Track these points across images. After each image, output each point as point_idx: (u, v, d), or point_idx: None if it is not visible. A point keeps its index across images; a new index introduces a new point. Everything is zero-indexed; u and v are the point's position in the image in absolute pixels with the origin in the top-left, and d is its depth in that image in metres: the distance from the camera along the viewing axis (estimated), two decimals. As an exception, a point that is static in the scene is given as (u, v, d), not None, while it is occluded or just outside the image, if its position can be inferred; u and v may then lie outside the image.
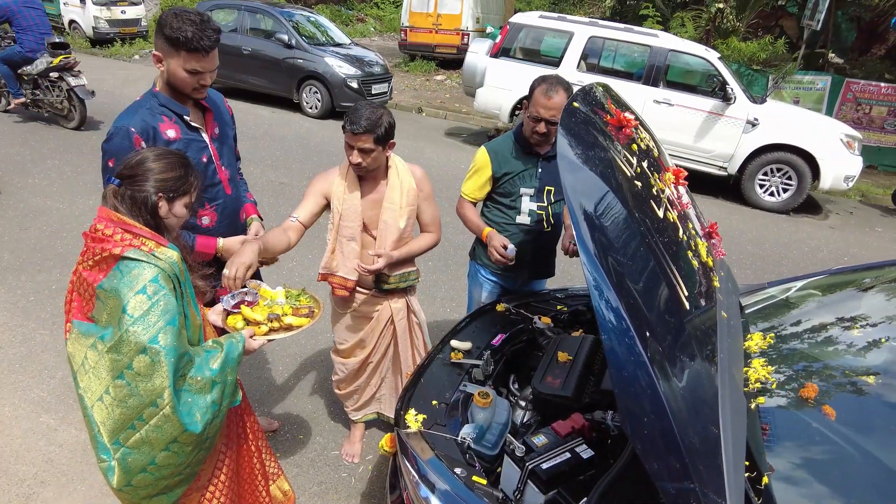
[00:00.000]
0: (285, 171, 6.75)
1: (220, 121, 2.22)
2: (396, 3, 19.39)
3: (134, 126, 1.92)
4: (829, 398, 1.61)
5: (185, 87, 1.97)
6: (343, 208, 2.31)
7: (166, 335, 1.43)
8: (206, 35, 1.86)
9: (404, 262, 2.46)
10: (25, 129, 7.56)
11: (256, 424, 2.06)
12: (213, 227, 2.19)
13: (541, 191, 2.53)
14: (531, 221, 2.56)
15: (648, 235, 1.40)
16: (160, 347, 1.42)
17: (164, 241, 1.54)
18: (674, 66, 7.78)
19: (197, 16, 1.88)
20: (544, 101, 2.32)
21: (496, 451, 1.77)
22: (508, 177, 2.53)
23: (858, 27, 14.03)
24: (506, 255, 2.40)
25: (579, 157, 1.39)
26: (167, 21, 1.86)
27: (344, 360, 2.63)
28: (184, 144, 2.02)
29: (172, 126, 2.01)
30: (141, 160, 1.59)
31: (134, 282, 1.44)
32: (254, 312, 1.84)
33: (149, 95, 2.04)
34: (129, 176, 1.57)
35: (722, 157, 7.32)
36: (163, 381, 1.43)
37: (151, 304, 1.43)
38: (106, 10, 14.51)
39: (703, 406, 1.37)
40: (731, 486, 1.22)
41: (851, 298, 2.29)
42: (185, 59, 1.89)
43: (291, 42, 9.41)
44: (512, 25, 8.19)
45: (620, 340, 1.23)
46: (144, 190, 1.55)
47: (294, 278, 4.44)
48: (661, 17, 12.69)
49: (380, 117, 2.16)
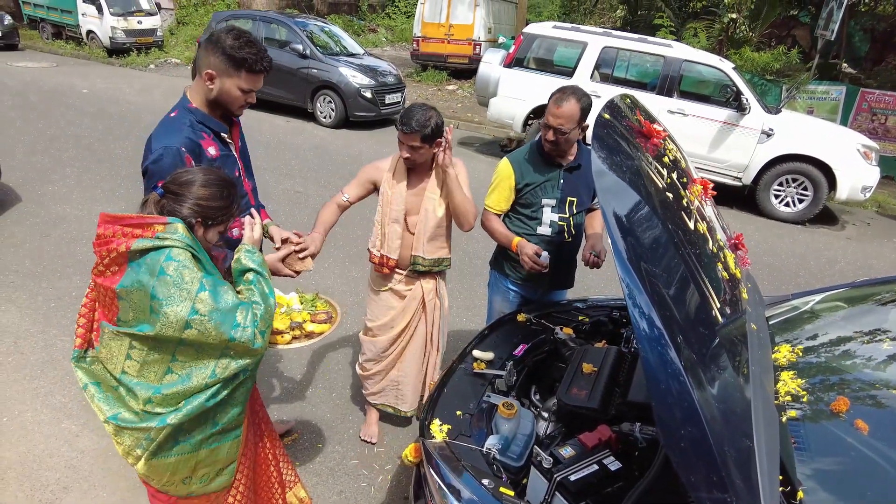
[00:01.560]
0: (301, 180, 6.80)
1: (241, 134, 2.28)
2: (408, 14, 19.56)
3: (183, 146, 1.89)
4: (861, 412, 1.59)
5: (234, 105, 2.00)
6: (391, 194, 2.54)
7: (202, 302, 1.45)
8: (265, 57, 1.94)
9: (439, 247, 2.62)
10: (47, 136, 7.68)
11: (273, 432, 2.07)
12: (242, 238, 2.21)
13: (562, 202, 2.55)
14: (552, 232, 2.57)
15: (681, 246, 1.40)
16: (200, 316, 1.44)
17: (162, 219, 1.51)
18: (688, 76, 7.77)
19: (252, 37, 1.93)
20: (553, 109, 2.38)
21: (521, 463, 1.77)
22: (530, 188, 2.55)
23: (872, 37, 13.97)
24: (540, 263, 2.39)
25: (612, 167, 1.40)
26: (226, 42, 1.86)
27: (373, 339, 2.75)
28: (221, 161, 2.02)
29: (212, 143, 2.01)
30: (190, 181, 1.59)
31: (152, 268, 1.45)
32: (275, 321, 1.84)
33: (184, 112, 1.98)
34: (175, 193, 1.58)
35: (737, 168, 7.28)
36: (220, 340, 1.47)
37: (174, 280, 1.44)
38: (123, 20, 14.76)
39: (736, 418, 1.36)
40: (766, 501, 1.21)
41: (877, 311, 2.27)
42: (245, 79, 1.92)
43: (306, 52, 9.51)
44: (525, 36, 8.23)
45: (654, 348, 1.23)
46: (184, 211, 1.56)
47: (310, 286, 4.46)
48: (674, 28, 12.71)
49: (428, 119, 2.35)
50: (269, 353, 3.59)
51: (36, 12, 16.64)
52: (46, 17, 16.39)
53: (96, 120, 8.66)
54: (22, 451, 2.72)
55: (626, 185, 1.40)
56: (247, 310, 1.52)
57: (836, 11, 9.50)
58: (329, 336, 2.32)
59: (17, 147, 7.15)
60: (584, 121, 2.42)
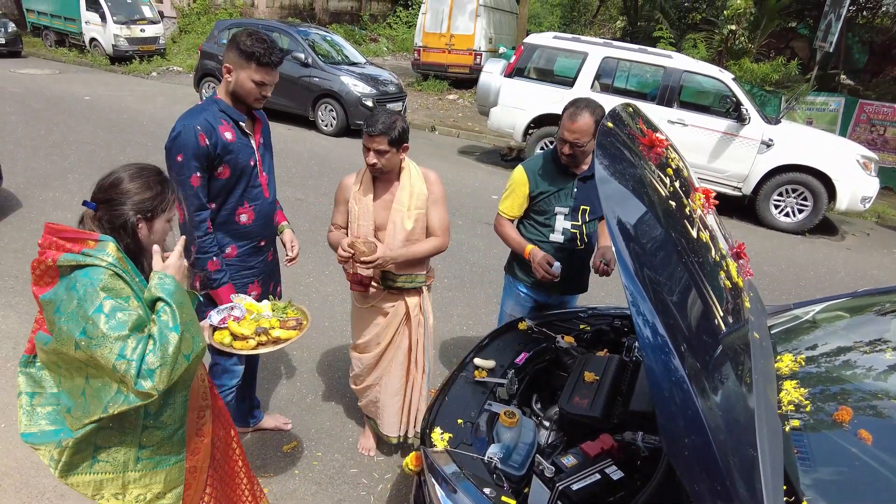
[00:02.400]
0: (301, 188, 6.82)
1: (266, 132, 2.46)
2: (409, 24, 19.69)
3: (199, 125, 2.12)
4: (865, 422, 1.59)
5: (249, 97, 2.21)
6: (357, 209, 2.48)
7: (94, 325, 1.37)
8: (274, 52, 2.16)
9: (412, 265, 2.51)
10: (49, 143, 7.70)
11: (241, 446, 2.02)
12: (249, 224, 2.36)
13: (575, 210, 2.57)
14: (564, 239, 2.60)
15: (685, 254, 1.40)
16: (88, 338, 1.37)
17: (94, 236, 1.47)
18: (687, 87, 7.81)
19: (267, 36, 2.17)
20: (568, 125, 2.40)
21: (523, 472, 1.76)
22: (544, 196, 2.57)
23: (870, 49, 14.06)
24: (551, 272, 2.44)
25: (616, 175, 1.40)
26: (241, 39, 2.13)
27: (360, 355, 2.72)
28: (237, 147, 2.23)
29: (230, 129, 2.22)
30: (115, 181, 1.53)
31: (68, 284, 1.42)
32: (241, 327, 1.84)
33: (210, 101, 2.25)
34: (105, 200, 1.52)
35: (737, 178, 7.30)
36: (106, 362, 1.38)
37: (79, 297, 1.38)
38: (126, 28, 14.85)
39: (739, 427, 1.35)
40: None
41: (879, 321, 2.27)
42: (255, 71, 2.15)
43: (307, 60, 9.56)
44: (526, 46, 8.28)
45: (657, 356, 1.23)
46: (122, 213, 1.51)
47: (312, 294, 4.46)
48: (673, 39, 12.79)
49: (394, 121, 2.33)
50: (262, 355, 3.58)
51: (40, 20, 16.74)
52: (50, 25, 16.49)
53: (98, 127, 8.69)
54: (19, 457, 2.70)
55: (630, 193, 1.40)
56: (138, 342, 1.38)
57: (834, 23, 9.57)
58: (328, 345, 2.30)
59: (19, 153, 7.17)
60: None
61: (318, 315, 4.15)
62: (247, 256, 2.39)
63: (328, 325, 4.06)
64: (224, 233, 2.31)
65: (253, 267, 2.43)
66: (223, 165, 2.20)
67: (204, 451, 1.70)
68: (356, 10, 22.08)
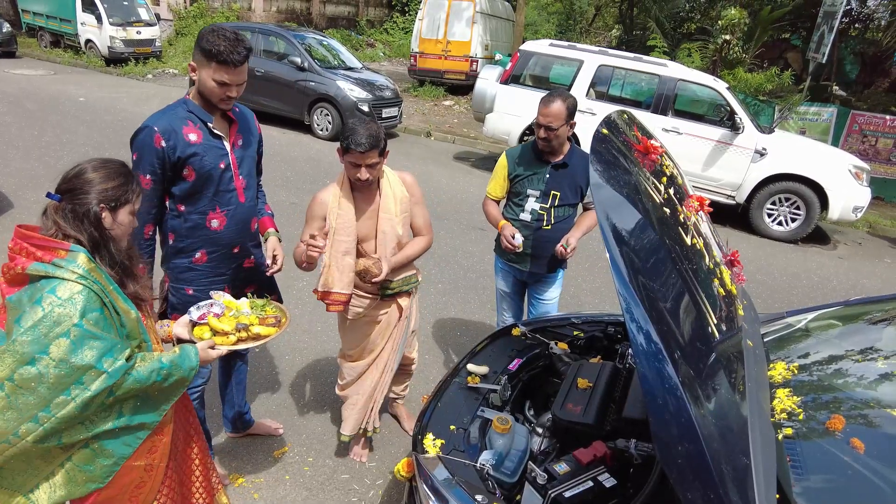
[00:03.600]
0: (295, 192, 6.80)
1: (246, 134, 2.33)
2: (406, 30, 19.74)
3: (157, 126, 2.06)
4: (857, 431, 1.59)
5: (213, 97, 2.11)
6: (337, 224, 2.37)
7: (59, 347, 1.37)
8: (236, 51, 2.01)
9: (405, 267, 2.57)
10: (42, 144, 7.65)
11: (203, 440, 2.01)
12: (221, 230, 2.28)
13: (545, 194, 2.83)
14: (531, 219, 2.87)
15: (678, 261, 1.40)
16: (50, 359, 1.36)
17: (65, 245, 1.47)
18: (682, 96, 7.86)
19: (232, 33, 2.03)
20: (542, 110, 2.68)
21: (515, 479, 1.75)
22: (520, 178, 2.88)
23: (862, 61, 14.20)
24: (513, 243, 2.76)
25: (610, 181, 1.40)
26: (204, 35, 2.03)
27: (353, 364, 2.69)
28: (203, 149, 2.15)
29: (195, 131, 2.14)
30: (79, 172, 1.54)
31: (32, 294, 1.41)
32: (221, 323, 1.84)
33: (180, 102, 2.19)
34: (69, 189, 1.52)
35: (730, 186, 7.34)
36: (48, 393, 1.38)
37: (44, 314, 1.38)
38: (122, 30, 14.79)
39: (732, 435, 1.35)
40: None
41: (870, 330, 2.27)
42: (216, 70, 2.03)
43: (304, 65, 9.55)
44: (522, 53, 8.31)
45: (651, 363, 1.23)
46: (86, 202, 1.51)
47: (304, 298, 4.44)
48: (668, 48, 12.88)
49: (378, 131, 2.25)
50: (254, 360, 3.56)
51: (35, 21, 16.66)
52: (45, 26, 16.41)
53: (92, 128, 8.65)
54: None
55: (624, 199, 1.40)
56: (98, 375, 1.41)
57: (827, 35, 9.67)
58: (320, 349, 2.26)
59: (11, 154, 7.12)
60: (571, 118, 2.70)
61: (310, 320, 4.13)
62: (218, 263, 2.29)
63: (320, 329, 4.04)
64: (194, 238, 2.22)
65: (223, 274, 2.32)
66: (187, 167, 2.11)
67: (162, 450, 1.67)
68: (353, 16, 22.13)
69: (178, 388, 1.64)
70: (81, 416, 1.44)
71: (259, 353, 3.67)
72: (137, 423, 1.56)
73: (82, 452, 1.51)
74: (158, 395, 1.60)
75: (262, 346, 3.68)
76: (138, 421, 1.56)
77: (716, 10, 13.14)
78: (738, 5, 11.82)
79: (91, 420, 1.48)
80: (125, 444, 1.56)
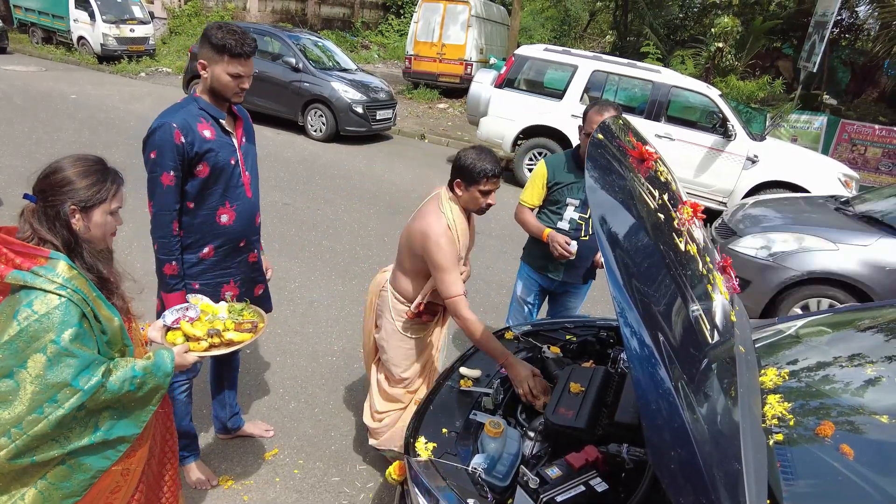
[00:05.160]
0: (289, 193, 6.78)
1: (248, 131, 2.41)
2: (401, 32, 19.75)
3: (175, 122, 2.08)
4: (847, 437, 1.60)
5: (227, 91, 2.16)
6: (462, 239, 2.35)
7: (35, 364, 1.34)
8: (246, 42, 2.10)
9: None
10: (32, 140, 7.58)
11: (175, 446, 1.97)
12: (230, 224, 2.32)
13: (586, 203, 2.77)
14: (570, 228, 2.83)
15: (672, 266, 1.41)
16: (26, 373, 1.33)
17: (45, 252, 1.41)
18: (675, 102, 7.91)
19: (238, 28, 2.13)
20: (595, 118, 2.61)
21: (507, 483, 1.74)
22: (559, 187, 2.84)
23: (852, 71, 14.38)
24: (569, 250, 2.72)
25: (605, 186, 1.40)
26: (212, 32, 2.08)
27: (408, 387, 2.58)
28: (217, 145, 2.19)
29: (209, 127, 2.18)
30: (52, 170, 1.46)
31: (11, 304, 1.36)
32: (194, 328, 1.81)
33: (189, 99, 2.21)
34: (42, 190, 1.45)
35: (722, 193, 7.39)
36: (22, 409, 1.34)
37: (20, 329, 1.34)
38: (115, 28, 14.70)
39: (725, 440, 1.35)
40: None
41: (860, 337, 2.29)
42: (229, 63, 2.10)
43: (298, 65, 9.53)
44: (517, 57, 8.34)
45: (644, 367, 1.23)
46: (56, 203, 1.43)
47: (296, 300, 4.42)
48: (661, 55, 12.98)
49: (496, 155, 2.31)
50: (245, 362, 3.54)
51: (27, 17, 16.52)
52: (37, 22, 16.27)
53: (83, 126, 8.58)
54: None
55: (619, 204, 1.41)
56: (74, 393, 1.38)
57: (818, 44, 9.79)
58: (312, 351, 2.24)
59: (1, 150, 7.05)
60: None
61: (302, 321, 4.11)
62: (224, 257, 2.34)
63: (312, 331, 4.02)
64: (203, 233, 2.26)
65: (230, 267, 2.38)
66: (202, 163, 2.16)
67: (140, 455, 1.64)
68: (348, 17, 22.13)
69: (154, 396, 1.58)
70: (54, 434, 1.40)
71: (250, 355, 3.64)
72: (116, 436, 1.52)
73: (58, 470, 1.45)
74: (134, 405, 1.55)
75: (253, 347, 3.66)
76: (117, 434, 1.52)
77: (709, 19, 13.29)
78: (731, 14, 11.93)
79: (66, 437, 1.43)
80: (104, 458, 1.52)
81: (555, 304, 3.14)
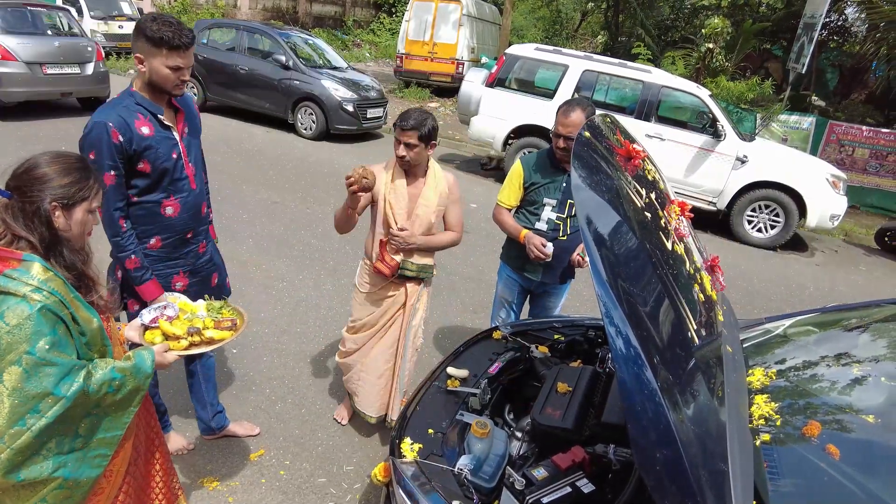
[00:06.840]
0: (278, 191, 6.72)
1: (191, 120, 2.35)
2: (392, 31, 19.70)
3: (111, 120, 2.03)
4: (833, 437, 1.60)
5: (167, 84, 2.09)
6: (396, 195, 2.59)
7: (10, 376, 1.30)
8: (184, 33, 2.04)
9: (425, 255, 2.70)
10: (17, 137, 7.47)
11: (165, 448, 1.96)
12: (175, 217, 2.29)
13: (563, 203, 2.77)
14: (547, 229, 2.79)
15: (659, 266, 1.39)
16: (2, 386, 1.29)
17: (17, 255, 1.36)
18: (665, 102, 7.93)
19: (172, 18, 2.07)
20: (562, 119, 2.62)
21: (493, 484, 1.73)
22: (535, 186, 2.80)
23: (841, 72, 14.50)
24: (544, 252, 2.67)
25: (592, 186, 1.39)
26: (147, 25, 2.01)
27: (354, 336, 2.87)
28: (157, 141, 2.14)
29: (146, 123, 2.13)
30: (30, 166, 1.43)
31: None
32: (173, 327, 1.78)
33: (126, 94, 2.15)
34: (18, 186, 1.42)
35: (711, 193, 7.42)
36: (2, 423, 1.30)
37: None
38: (104, 24, 14.56)
39: (711, 441, 1.34)
40: (741, 526, 1.19)
41: (847, 337, 2.30)
42: (167, 56, 2.03)
43: (288, 63, 9.46)
44: (508, 56, 8.33)
45: (630, 368, 1.21)
46: (36, 200, 1.40)
47: (284, 299, 4.38)
48: (652, 56, 13.02)
49: (425, 119, 2.48)
50: (231, 361, 3.50)
51: (13, 12, 16.33)
52: (23, 18, 16.09)
53: (69, 123, 8.47)
54: None
55: (606, 203, 1.39)
56: (56, 402, 1.35)
57: (807, 46, 9.86)
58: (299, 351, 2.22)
59: (-15, 147, 6.95)
60: None
61: (289, 320, 4.07)
62: (172, 248, 2.32)
63: (300, 330, 3.98)
64: (149, 224, 2.24)
65: (177, 258, 2.36)
66: (143, 161, 2.12)
67: (123, 455, 1.61)
68: (340, 15, 22.05)
69: (135, 398, 1.55)
70: (37, 444, 1.36)
71: (237, 354, 3.60)
72: (97, 440, 1.49)
73: (56, 494, 1.43)
74: (113, 408, 1.51)
75: (240, 347, 3.62)
76: (98, 437, 1.49)
77: (700, 20, 13.35)
78: (721, 15, 11.99)
79: (48, 448, 1.39)
80: (94, 467, 1.49)
81: (535, 305, 3.12)
